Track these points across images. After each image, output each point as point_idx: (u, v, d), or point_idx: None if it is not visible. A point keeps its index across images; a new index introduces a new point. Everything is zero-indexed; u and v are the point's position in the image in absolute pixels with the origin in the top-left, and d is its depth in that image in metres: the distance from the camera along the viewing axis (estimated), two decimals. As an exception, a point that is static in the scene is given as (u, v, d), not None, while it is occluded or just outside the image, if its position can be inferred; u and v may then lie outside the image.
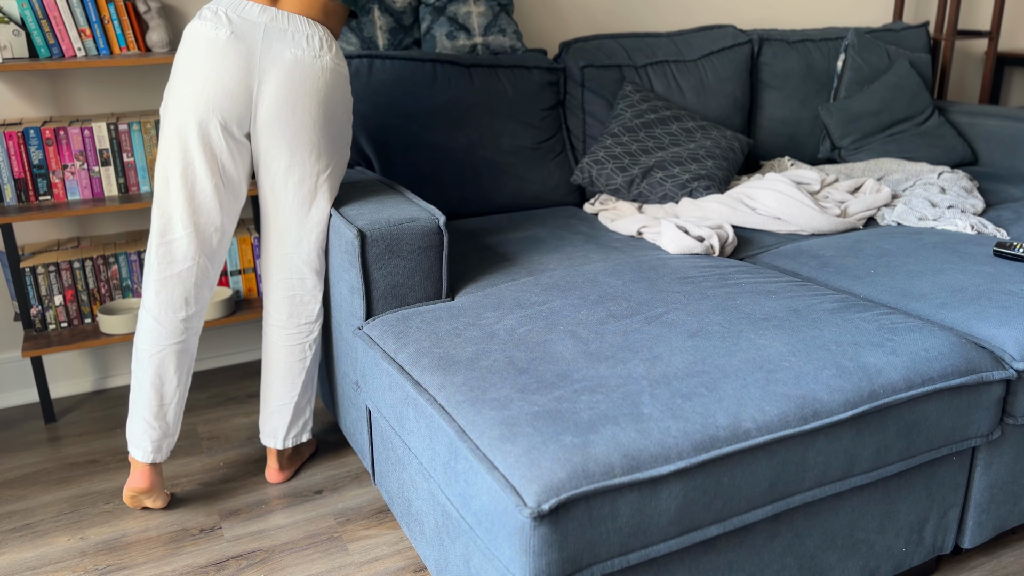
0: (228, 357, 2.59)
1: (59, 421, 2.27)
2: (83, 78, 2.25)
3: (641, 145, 2.36)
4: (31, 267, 2.13)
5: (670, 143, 2.38)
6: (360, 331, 1.66)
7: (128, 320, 2.15)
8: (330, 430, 2.20)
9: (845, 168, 2.67)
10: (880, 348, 1.43)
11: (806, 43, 2.84)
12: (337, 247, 1.74)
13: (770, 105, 2.77)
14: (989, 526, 1.64)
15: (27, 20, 2.04)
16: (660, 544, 1.22)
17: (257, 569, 1.68)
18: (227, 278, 2.34)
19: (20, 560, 1.72)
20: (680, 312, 1.57)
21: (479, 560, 1.25)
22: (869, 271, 1.88)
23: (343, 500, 1.91)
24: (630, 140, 2.37)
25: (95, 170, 2.14)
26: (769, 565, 1.39)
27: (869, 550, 1.50)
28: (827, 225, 2.18)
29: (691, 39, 2.68)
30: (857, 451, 1.36)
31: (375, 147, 2.21)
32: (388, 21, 2.35)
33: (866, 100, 2.83)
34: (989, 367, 1.48)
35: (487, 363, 1.39)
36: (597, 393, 1.29)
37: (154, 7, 2.16)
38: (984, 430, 1.51)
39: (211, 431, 2.21)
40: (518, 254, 1.98)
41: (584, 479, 1.13)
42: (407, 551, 1.73)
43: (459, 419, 1.28)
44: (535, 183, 2.39)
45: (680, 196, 2.26)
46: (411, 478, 1.50)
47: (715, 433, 1.23)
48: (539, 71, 2.40)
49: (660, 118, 2.43)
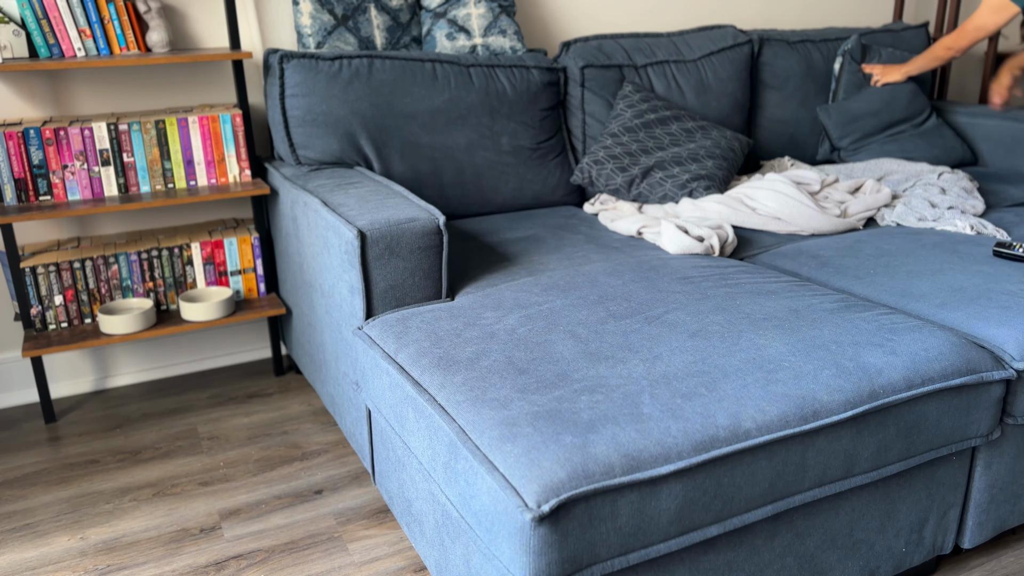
0: (228, 357, 2.59)
1: (59, 421, 2.27)
2: (83, 78, 2.25)
3: (641, 145, 2.36)
4: (31, 267, 2.13)
5: (670, 143, 2.38)
6: (360, 331, 1.66)
7: (128, 320, 2.15)
8: (330, 430, 2.20)
9: (845, 168, 2.67)
10: (880, 348, 1.43)
11: (806, 43, 2.84)
12: (337, 247, 1.74)
13: (770, 105, 2.77)
14: (989, 526, 1.64)
15: (27, 20, 2.04)
16: (660, 544, 1.22)
17: (257, 569, 1.68)
18: (227, 278, 2.34)
19: (20, 560, 1.72)
20: (680, 312, 1.57)
21: (479, 560, 1.25)
22: (869, 271, 1.88)
23: (343, 500, 1.91)
24: (630, 140, 2.37)
25: (95, 170, 2.14)
26: (769, 565, 1.39)
27: (869, 550, 1.50)
28: (827, 225, 2.18)
29: (691, 39, 2.68)
30: (857, 451, 1.36)
31: (375, 147, 2.21)
32: (385, 20, 2.35)
33: (865, 101, 2.83)
34: (989, 367, 1.48)
35: (487, 363, 1.39)
36: (597, 393, 1.29)
37: (154, 7, 2.16)
38: (984, 430, 1.51)
39: (211, 431, 2.21)
40: (518, 254, 1.98)
41: (584, 479, 1.13)
42: (407, 551, 1.73)
43: (459, 419, 1.28)
44: (535, 183, 2.39)
45: (680, 196, 2.26)
46: (411, 478, 1.50)
47: (715, 433, 1.23)
48: (539, 71, 2.41)
49: (660, 118, 2.43)
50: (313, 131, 2.17)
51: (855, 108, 2.82)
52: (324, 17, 2.27)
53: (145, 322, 2.18)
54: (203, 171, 2.24)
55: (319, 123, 2.16)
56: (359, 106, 2.18)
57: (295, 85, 2.15)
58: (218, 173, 2.25)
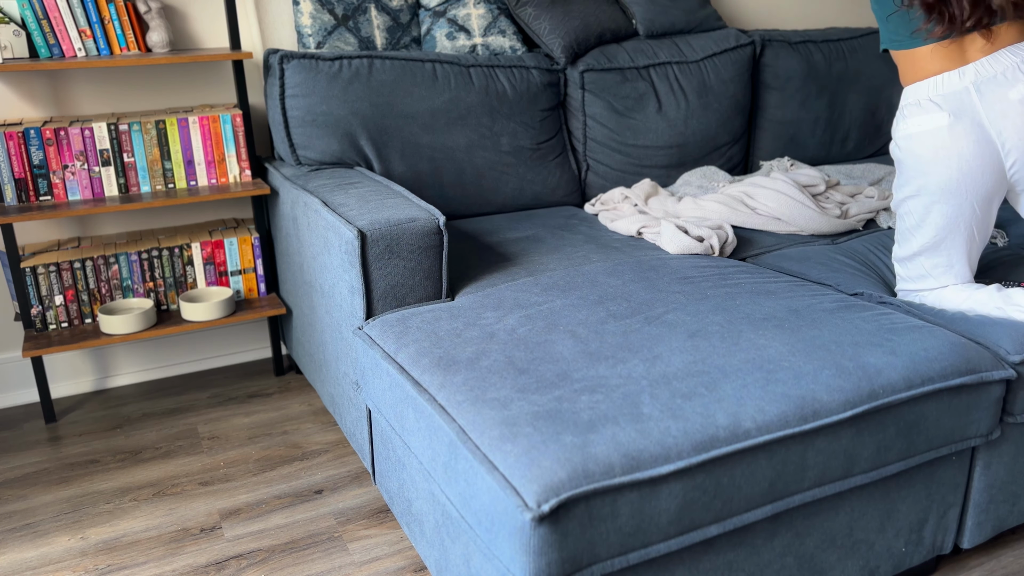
0: (228, 357, 2.60)
1: (59, 421, 2.27)
2: (83, 78, 2.25)
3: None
4: (31, 267, 2.13)
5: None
6: (360, 331, 1.66)
7: (128, 320, 2.15)
8: (330, 429, 2.20)
9: (845, 169, 2.67)
10: (880, 348, 1.43)
11: (808, 44, 2.84)
12: (337, 247, 1.74)
13: (771, 106, 2.76)
14: (988, 526, 1.64)
15: (27, 20, 2.04)
16: (660, 544, 1.22)
17: (257, 569, 1.68)
18: (227, 278, 2.34)
19: (20, 560, 1.72)
20: (680, 312, 1.57)
21: (479, 560, 1.25)
22: (869, 272, 1.88)
23: (343, 500, 1.91)
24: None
25: (95, 170, 2.14)
26: (769, 565, 1.39)
27: (869, 550, 1.50)
28: (827, 226, 2.18)
29: (693, 40, 2.68)
30: (857, 451, 1.36)
31: (375, 147, 2.21)
32: (385, 20, 2.35)
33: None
34: (989, 367, 1.48)
35: (487, 363, 1.39)
36: (597, 393, 1.29)
37: (154, 7, 2.16)
38: (984, 430, 1.51)
39: (211, 431, 2.21)
40: (518, 254, 1.98)
41: (584, 479, 1.13)
42: (407, 551, 1.73)
43: (459, 419, 1.28)
44: (535, 183, 2.39)
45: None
46: (411, 478, 1.50)
47: (715, 433, 1.23)
48: (539, 71, 2.41)
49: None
50: (313, 131, 2.17)
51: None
52: (324, 17, 2.27)
53: (145, 322, 2.18)
54: (203, 171, 2.24)
55: (319, 123, 2.17)
56: (359, 106, 2.18)
57: (295, 85, 2.15)
58: (218, 173, 2.26)
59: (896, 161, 1.73)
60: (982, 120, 1.59)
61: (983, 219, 1.66)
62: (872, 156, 2.98)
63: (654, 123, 2.52)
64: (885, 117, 2.94)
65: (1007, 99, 1.58)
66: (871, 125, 2.93)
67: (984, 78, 1.60)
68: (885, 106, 2.94)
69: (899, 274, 1.78)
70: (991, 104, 1.59)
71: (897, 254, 1.77)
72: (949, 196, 1.63)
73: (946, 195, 1.63)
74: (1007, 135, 1.59)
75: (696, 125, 2.57)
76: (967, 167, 1.60)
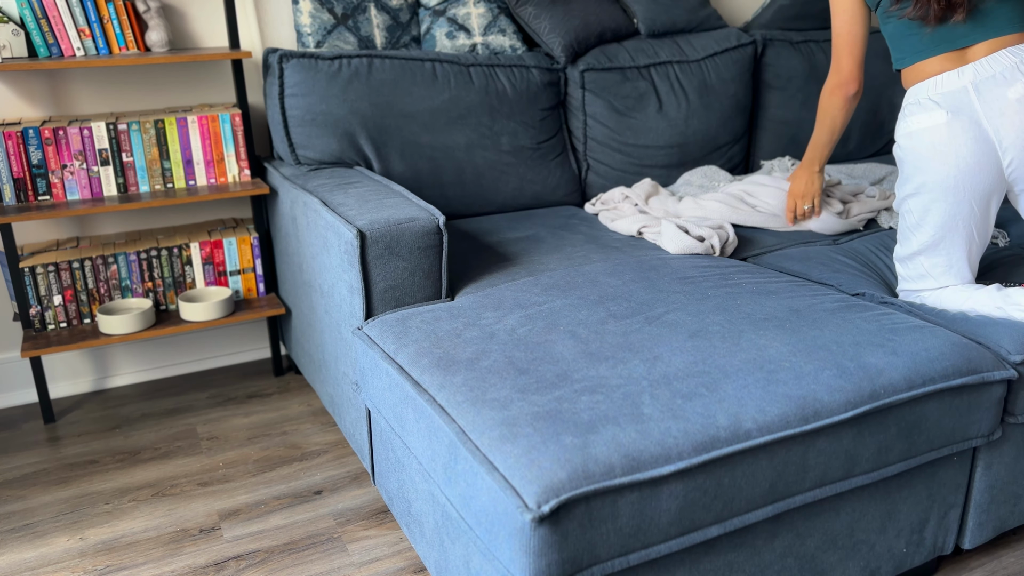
0: (228, 357, 2.59)
1: (58, 421, 2.27)
2: (82, 78, 2.24)
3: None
4: (30, 267, 2.13)
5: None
6: (360, 331, 1.66)
7: (127, 320, 2.15)
8: (329, 430, 2.20)
9: (846, 168, 2.66)
10: (881, 348, 1.43)
11: (809, 44, 2.83)
12: (337, 247, 1.74)
13: (772, 106, 2.76)
14: (989, 526, 1.64)
15: (26, 20, 2.04)
16: (660, 544, 1.22)
17: (257, 569, 1.68)
18: (227, 278, 2.34)
19: (20, 560, 1.72)
20: (680, 312, 1.56)
21: (479, 561, 1.25)
22: (870, 272, 1.87)
23: (343, 500, 1.90)
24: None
25: (94, 170, 2.14)
26: (770, 566, 1.39)
27: (870, 551, 1.50)
28: (828, 226, 2.18)
29: (694, 40, 2.68)
30: (858, 451, 1.36)
31: (375, 147, 2.20)
32: (385, 19, 2.34)
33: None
34: (990, 367, 1.47)
35: (487, 363, 1.39)
36: (597, 393, 1.28)
37: (153, 7, 2.16)
38: (985, 430, 1.51)
39: (211, 431, 2.20)
40: (518, 254, 1.97)
41: (584, 480, 1.12)
42: (407, 552, 1.73)
43: (459, 419, 1.27)
44: (535, 183, 2.39)
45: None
46: (411, 478, 1.49)
47: (716, 433, 1.22)
48: (539, 71, 2.40)
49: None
50: (312, 131, 2.16)
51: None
52: (324, 16, 2.27)
53: (144, 322, 2.18)
54: (202, 171, 2.24)
55: (318, 123, 2.16)
56: (359, 106, 2.18)
57: (294, 85, 2.15)
58: (217, 173, 2.25)
59: (897, 160, 1.74)
60: (980, 119, 1.60)
61: (982, 219, 1.67)
62: (873, 156, 2.97)
63: (655, 123, 2.51)
64: (886, 117, 2.94)
65: (1005, 98, 1.58)
66: (872, 125, 2.92)
67: (983, 77, 1.60)
68: (886, 106, 2.93)
69: (900, 274, 1.78)
70: (989, 103, 1.59)
71: (898, 253, 1.78)
72: (947, 193, 1.64)
73: (945, 192, 1.64)
74: (1004, 134, 1.59)
75: (697, 125, 2.57)
76: (965, 164, 1.61)
